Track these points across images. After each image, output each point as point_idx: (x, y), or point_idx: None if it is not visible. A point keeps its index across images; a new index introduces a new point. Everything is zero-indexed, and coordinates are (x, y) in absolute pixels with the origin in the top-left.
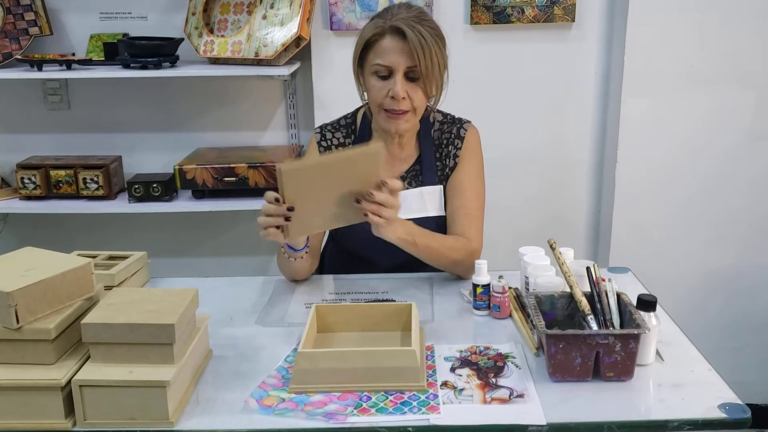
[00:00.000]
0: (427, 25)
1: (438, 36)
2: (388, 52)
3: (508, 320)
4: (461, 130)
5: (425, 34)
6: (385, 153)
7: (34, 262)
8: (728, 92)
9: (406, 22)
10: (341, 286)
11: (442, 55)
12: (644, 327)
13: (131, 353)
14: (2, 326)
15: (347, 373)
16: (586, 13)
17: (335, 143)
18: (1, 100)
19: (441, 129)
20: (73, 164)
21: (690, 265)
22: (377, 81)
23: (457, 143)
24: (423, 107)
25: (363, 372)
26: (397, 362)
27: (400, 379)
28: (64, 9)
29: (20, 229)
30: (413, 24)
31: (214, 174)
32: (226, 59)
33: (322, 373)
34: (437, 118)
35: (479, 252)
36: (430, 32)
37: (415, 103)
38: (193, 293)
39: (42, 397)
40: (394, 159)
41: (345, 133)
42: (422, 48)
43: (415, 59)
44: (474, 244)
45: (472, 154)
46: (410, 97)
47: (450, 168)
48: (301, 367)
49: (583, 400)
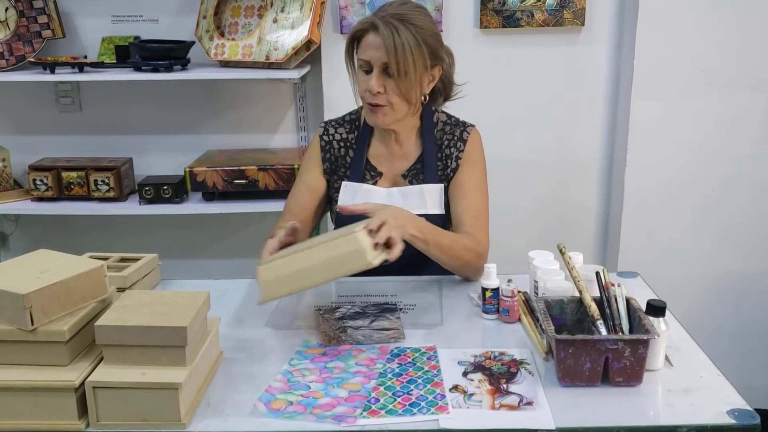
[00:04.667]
0: (412, 24)
1: (422, 37)
2: (368, 47)
3: (517, 324)
4: (464, 133)
5: (402, 32)
6: (367, 239)
7: (48, 264)
8: (739, 95)
9: (385, 20)
10: (349, 289)
11: (421, 56)
12: (653, 332)
13: (144, 355)
14: (17, 328)
15: (306, 273)
16: (596, 16)
17: (337, 138)
18: (14, 102)
19: (444, 130)
20: (84, 166)
21: (699, 269)
22: (362, 75)
23: (460, 146)
24: (402, 104)
25: (319, 267)
26: (346, 247)
27: (350, 263)
28: (77, 12)
29: (32, 230)
30: (392, 22)
31: (224, 176)
32: (236, 62)
33: (285, 280)
34: (441, 119)
35: (487, 255)
36: (411, 31)
37: (390, 99)
38: (205, 296)
39: (56, 398)
40: (393, 156)
41: (348, 129)
42: (394, 46)
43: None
44: (484, 246)
45: (476, 158)
46: (387, 92)
47: (452, 169)
48: (266, 279)
49: (592, 405)
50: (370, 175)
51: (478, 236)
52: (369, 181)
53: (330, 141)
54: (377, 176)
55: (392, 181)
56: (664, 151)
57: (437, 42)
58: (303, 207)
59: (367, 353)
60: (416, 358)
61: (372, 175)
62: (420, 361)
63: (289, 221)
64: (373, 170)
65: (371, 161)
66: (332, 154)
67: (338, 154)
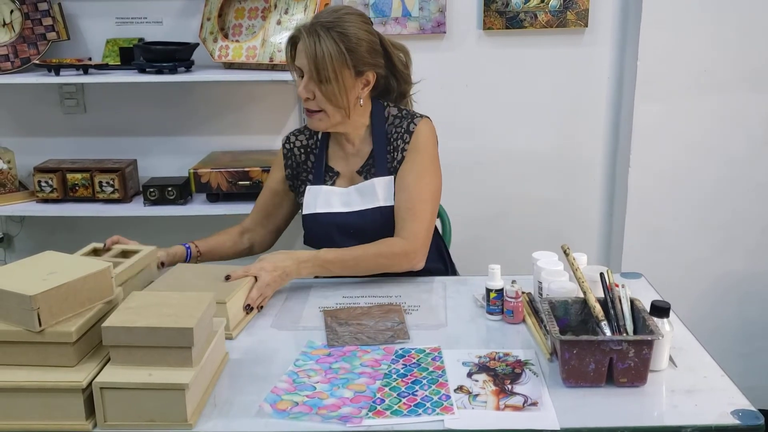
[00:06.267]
0: (338, 32)
1: (346, 45)
2: (299, 53)
3: (521, 325)
4: (411, 125)
5: (324, 41)
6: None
7: (55, 265)
8: (741, 97)
9: (309, 27)
10: (355, 289)
11: (343, 63)
12: (658, 333)
13: (150, 356)
14: (25, 329)
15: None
16: (599, 18)
17: (297, 145)
18: (19, 103)
19: (393, 123)
20: (89, 168)
21: (702, 269)
22: (299, 80)
23: (406, 137)
24: (333, 110)
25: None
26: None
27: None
28: (81, 14)
29: (37, 231)
30: (316, 29)
31: (228, 178)
32: (240, 64)
33: None
34: (392, 113)
35: (419, 251)
36: (335, 39)
37: (320, 105)
38: (211, 297)
39: (63, 398)
40: (347, 155)
41: (308, 135)
42: (315, 54)
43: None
44: (410, 244)
45: (419, 149)
46: (316, 98)
47: (398, 161)
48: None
49: (597, 405)
50: (329, 176)
51: (409, 231)
52: (328, 182)
53: (291, 149)
54: (335, 176)
55: (349, 179)
56: (667, 151)
57: (367, 48)
58: (264, 205)
59: (372, 354)
60: (421, 358)
61: (330, 176)
62: (425, 361)
63: (251, 217)
64: (331, 171)
65: (329, 163)
66: (293, 160)
67: (299, 160)
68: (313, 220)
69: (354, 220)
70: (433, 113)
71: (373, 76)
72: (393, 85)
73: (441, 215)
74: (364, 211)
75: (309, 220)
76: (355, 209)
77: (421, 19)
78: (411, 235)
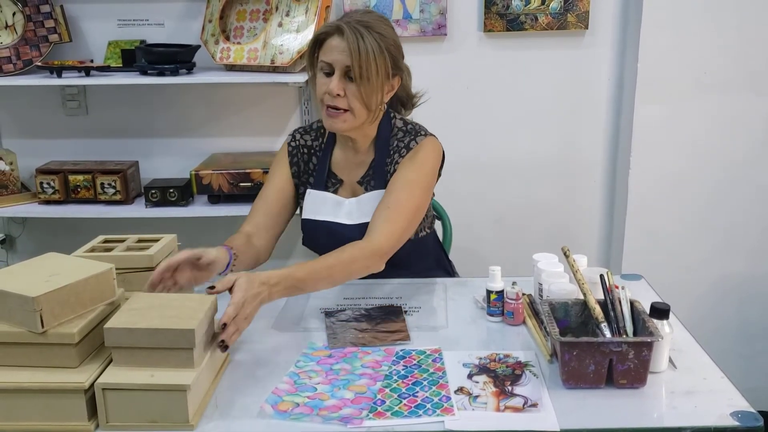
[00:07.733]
0: (377, 32)
1: (385, 45)
2: (332, 50)
3: (522, 327)
4: (412, 142)
5: (367, 38)
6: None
7: (57, 267)
8: (742, 99)
9: (350, 25)
10: (356, 291)
11: (383, 63)
12: (657, 335)
13: (152, 357)
14: (27, 330)
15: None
16: (600, 20)
17: (302, 143)
18: (22, 105)
19: (396, 136)
20: (91, 169)
21: (702, 271)
22: (322, 77)
23: (404, 152)
24: (362, 110)
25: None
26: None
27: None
28: (83, 16)
29: (39, 233)
30: (357, 27)
31: (229, 179)
32: (242, 66)
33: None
34: (397, 125)
35: (383, 253)
36: (375, 38)
37: (351, 104)
38: (212, 299)
39: (65, 399)
40: (351, 164)
41: (314, 136)
42: (358, 50)
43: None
44: (375, 244)
45: (413, 161)
46: (347, 96)
47: (390, 174)
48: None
49: (596, 407)
50: (332, 182)
51: (379, 232)
52: (330, 189)
53: (297, 146)
54: (338, 184)
55: (351, 189)
56: (667, 153)
57: (399, 52)
58: (270, 206)
59: (372, 355)
60: (421, 360)
61: (333, 183)
62: (425, 363)
63: (253, 220)
64: (334, 178)
65: (333, 169)
66: (299, 158)
67: (304, 159)
68: (314, 226)
69: (355, 234)
70: (433, 115)
71: (398, 81)
72: (402, 95)
73: (441, 217)
74: (363, 225)
75: (310, 225)
76: (356, 222)
77: (422, 21)
78: (383, 236)
